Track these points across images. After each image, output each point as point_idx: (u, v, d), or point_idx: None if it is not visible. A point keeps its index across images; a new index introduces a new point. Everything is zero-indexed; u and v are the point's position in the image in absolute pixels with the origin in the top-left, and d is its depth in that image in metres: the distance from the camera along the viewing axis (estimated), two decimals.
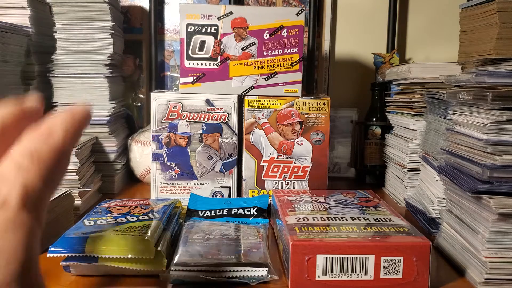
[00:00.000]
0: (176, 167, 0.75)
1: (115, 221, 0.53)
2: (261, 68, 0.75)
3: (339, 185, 0.92)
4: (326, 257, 0.46)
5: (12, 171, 0.25)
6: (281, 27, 0.74)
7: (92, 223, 0.53)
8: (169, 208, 0.60)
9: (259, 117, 0.74)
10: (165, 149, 0.75)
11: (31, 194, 0.24)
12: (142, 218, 0.54)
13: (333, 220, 0.52)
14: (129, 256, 0.47)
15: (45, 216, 0.25)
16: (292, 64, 0.75)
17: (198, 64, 0.75)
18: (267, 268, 0.48)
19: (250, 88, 0.75)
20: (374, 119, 0.93)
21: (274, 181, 0.75)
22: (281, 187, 0.75)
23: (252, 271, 0.47)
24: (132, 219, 0.54)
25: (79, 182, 0.71)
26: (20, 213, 0.23)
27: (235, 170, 0.76)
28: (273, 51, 0.74)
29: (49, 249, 0.47)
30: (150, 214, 0.56)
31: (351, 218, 0.53)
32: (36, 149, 0.26)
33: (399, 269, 0.46)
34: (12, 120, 0.29)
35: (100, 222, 0.53)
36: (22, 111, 0.30)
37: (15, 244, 0.22)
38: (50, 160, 0.26)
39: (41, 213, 0.25)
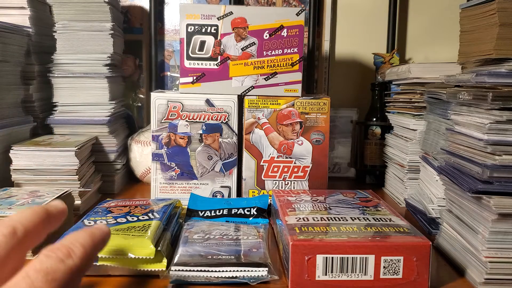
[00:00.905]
0: (176, 167, 0.75)
1: (115, 221, 0.53)
2: (261, 68, 0.75)
3: (339, 185, 0.92)
4: (326, 257, 0.46)
5: None
6: (281, 27, 0.74)
7: (92, 223, 0.53)
8: (169, 208, 0.60)
9: (259, 117, 0.74)
10: (165, 149, 0.75)
11: None
12: (142, 218, 0.54)
13: (333, 220, 0.52)
14: (129, 256, 0.47)
15: None
16: (292, 64, 0.75)
17: (198, 64, 0.75)
18: (267, 268, 0.48)
19: (250, 88, 0.75)
20: (374, 119, 0.93)
21: (274, 181, 0.75)
22: (281, 187, 0.75)
23: (252, 271, 0.47)
24: (132, 219, 0.54)
25: (79, 182, 0.71)
26: None
27: (235, 170, 0.76)
28: (273, 51, 0.74)
29: None
30: (150, 214, 0.56)
31: (351, 218, 0.53)
32: (52, 268, 0.26)
33: (399, 269, 0.46)
34: (34, 224, 0.29)
35: (100, 222, 0.53)
36: (46, 216, 0.30)
37: None
38: (64, 281, 0.26)
39: None
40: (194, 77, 0.75)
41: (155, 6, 1.01)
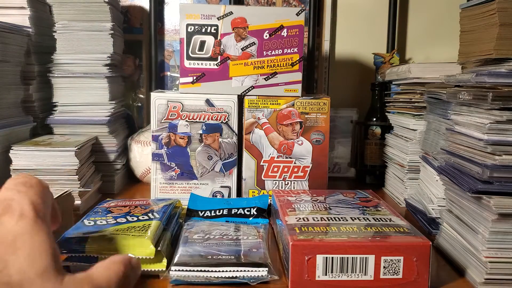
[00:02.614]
0: (176, 167, 0.75)
1: (115, 221, 0.53)
2: (261, 68, 0.75)
3: (339, 185, 0.92)
4: (326, 257, 0.46)
5: (15, 194, 0.31)
6: (281, 27, 0.74)
7: (92, 223, 0.53)
8: (169, 208, 0.60)
9: (259, 117, 0.74)
10: (165, 149, 0.75)
11: (38, 208, 0.31)
12: (142, 218, 0.54)
13: (333, 220, 0.52)
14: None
15: (49, 224, 0.32)
16: (292, 64, 0.75)
17: (198, 64, 0.75)
18: (267, 268, 0.48)
19: (250, 88, 0.75)
20: (374, 119, 0.93)
21: (274, 181, 0.75)
22: (281, 187, 0.75)
23: (252, 271, 0.47)
24: (132, 219, 0.54)
25: (79, 182, 0.71)
26: (37, 221, 0.30)
27: (235, 170, 0.76)
28: (273, 51, 0.74)
29: None
30: (150, 214, 0.56)
31: (351, 218, 0.53)
32: (25, 180, 0.33)
33: (399, 269, 0.46)
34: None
35: (100, 222, 0.53)
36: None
37: (42, 242, 0.29)
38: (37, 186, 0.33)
39: (48, 221, 0.32)
40: (194, 77, 0.75)
41: (155, 6, 1.01)
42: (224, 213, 0.64)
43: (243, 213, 0.64)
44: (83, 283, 0.29)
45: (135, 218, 0.54)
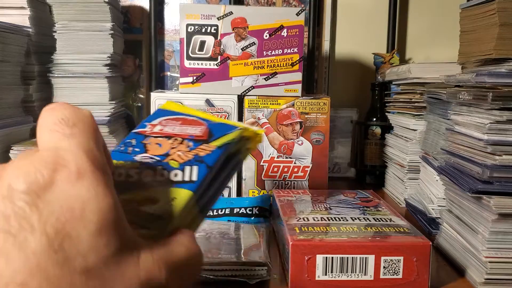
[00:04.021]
0: None
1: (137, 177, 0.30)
2: (261, 68, 0.75)
3: (339, 185, 0.92)
4: (326, 257, 0.46)
5: (60, 139, 0.24)
6: (281, 27, 0.74)
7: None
8: (226, 150, 0.33)
9: (259, 117, 0.74)
10: None
11: (94, 156, 0.23)
12: (174, 178, 0.30)
13: (333, 220, 0.52)
14: None
15: (110, 175, 0.24)
16: (292, 64, 0.75)
17: (198, 64, 0.75)
18: (266, 268, 0.48)
19: (250, 88, 0.75)
20: (374, 119, 0.93)
21: (274, 181, 0.75)
22: (281, 187, 0.75)
23: (251, 270, 0.47)
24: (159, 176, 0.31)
25: None
26: (99, 177, 0.22)
27: None
28: (273, 51, 0.74)
29: None
30: (187, 170, 0.30)
31: (351, 218, 0.53)
32: (66, 116, 0.25)
33: (399, 269, 0.46)
34: None
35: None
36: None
37: (112, 208, 0.22)
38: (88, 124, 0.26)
39: (109, 171, 0.24)
40: (194, 77, 0.75)
41: (155, 6, 1.01)
42: (226, 212, 0.64)
43: (245, 212, 0.64)
44: (160, 265, 0.23)
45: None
